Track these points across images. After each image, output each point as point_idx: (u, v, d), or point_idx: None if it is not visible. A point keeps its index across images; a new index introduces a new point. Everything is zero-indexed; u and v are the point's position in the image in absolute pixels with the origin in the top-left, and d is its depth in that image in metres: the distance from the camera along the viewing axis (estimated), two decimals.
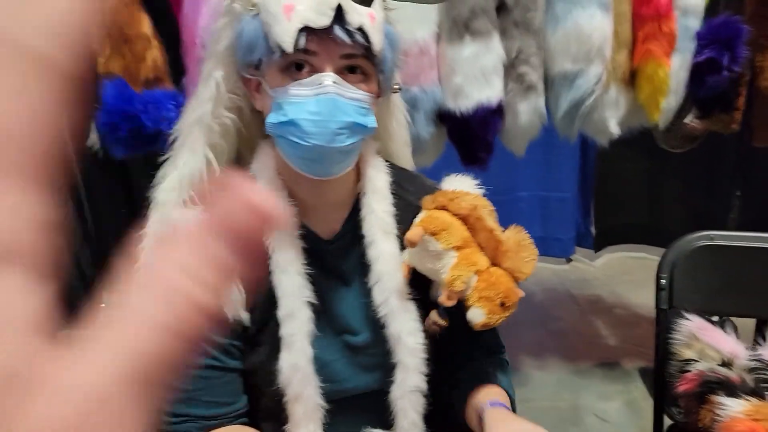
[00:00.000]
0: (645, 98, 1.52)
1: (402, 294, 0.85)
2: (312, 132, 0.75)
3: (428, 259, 0.82)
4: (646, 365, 2.15)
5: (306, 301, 0.82)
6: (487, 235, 0.82)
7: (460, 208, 0.83)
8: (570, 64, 1.45)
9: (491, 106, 1.46)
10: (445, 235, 0.81)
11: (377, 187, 0.87)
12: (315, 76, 0.74)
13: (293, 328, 0.81)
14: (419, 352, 0.85)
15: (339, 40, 0.73)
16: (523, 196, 2.74)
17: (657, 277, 1.21)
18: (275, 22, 0.72)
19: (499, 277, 0.80)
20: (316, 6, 0.71)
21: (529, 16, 1.43)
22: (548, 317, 2.49)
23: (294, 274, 0.82)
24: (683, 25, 1.47)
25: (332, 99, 0.74)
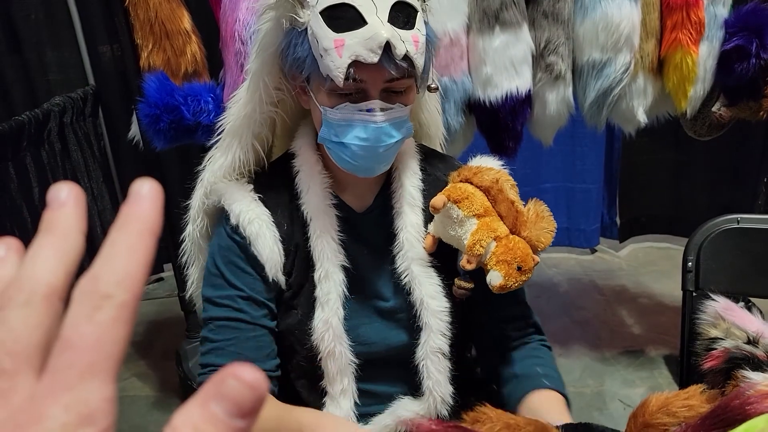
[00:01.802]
0: (673, 87, 1.54)
1: (423, 262, 0.91)
2: (361, 155, 0.83)
3: (451, 226, 0.87)
4: (670, 352, 2.16)
5: (340, 265, 0.89)
6: (508, 206, 0.87)
7: (483, 180, 0.88)
8: (598, 54, 1.48)
9: (520, 96, 1.49)
10: (466, 203, 0.86)
11: (408, 164, 0.94)
12: (363, 103, 0.80)
13: (328, 288, 0.88)
14: (442, 315, 0.91)
15: (386, 72, 0.77)
16: (548, 187, 2.75)
17: (684, 259, 1.23)
18: (326, 55, 0.77)
19: (516, 243, 0.85)
20: (366, 42, 0.75)
21: (558, 7, 1.45)
22: (573, 307, 2.51)
23: (329, 239, 0.89)
24: (712, 12, 1.48)
25: (379, 127, 0.81)
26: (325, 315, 0.87)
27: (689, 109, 1.57)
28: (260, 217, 0.88)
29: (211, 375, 0.58)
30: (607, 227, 2.88)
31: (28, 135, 1.94)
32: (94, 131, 2.35)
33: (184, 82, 1.50)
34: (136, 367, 2.22)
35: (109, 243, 0.23)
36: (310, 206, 0.89)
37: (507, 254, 0.84)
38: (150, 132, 1.49)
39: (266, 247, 0.87)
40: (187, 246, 0.99)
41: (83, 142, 2.27)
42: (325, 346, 0.88)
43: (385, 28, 0.75)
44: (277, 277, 0.89)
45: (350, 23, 0.76)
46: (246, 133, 0.90)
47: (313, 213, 0.89)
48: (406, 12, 0.78)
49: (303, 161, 0.91)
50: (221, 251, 0.90)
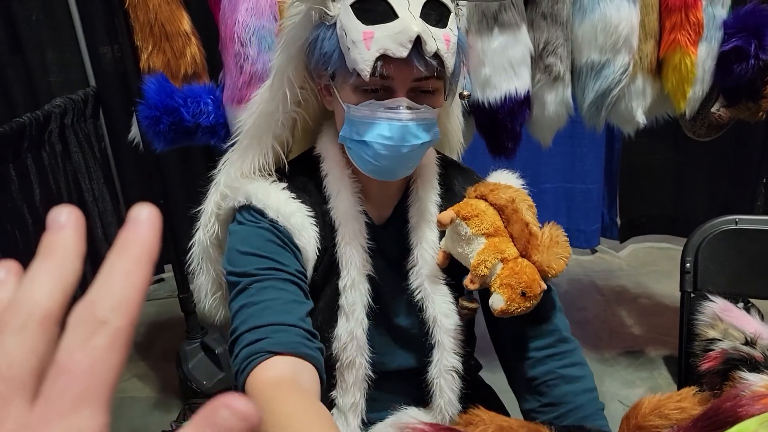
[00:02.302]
0: (672, 88, 1.54)
1: (436, 279, 0.89)
2: (384, 154, 0.79)
3: (459, 243, 0.85)
4: (670, 353, 2.16)
5: (367, 275, 0.86)
6: (522, 227, 0.84)
7: (498, 198, 0.85)
8: (597, 55, 1.48)
9: (519, 97, 1.49)
10: (476, 220, 0.83)
11: (427, 177, 0.91)
12: (389, 100, 0.77)
13: (354, 298, 0.85)
14: (456, 333, 0.89)
15: (415, 68, 0.74)
16: (548, 187, 2.75)
17: (682, 260, 1.23)
18: (354, 48, 0.74)
19: (524, 267, 0.82)
20: (396, 36, 0.72)
21: (556, 8, 1.45)
22: (573, 307, 2.51)
23: (358, 246, 0.86)
24: (710, 13, 1.48)
25: (405, 126, 0.77)
26: (350, 326, 0.85)
27: (688, 110, 1.57)
28: (300, 210, 0.84)
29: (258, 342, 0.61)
30: (607, 227, 2.87)
31: (29, 136, 1.95)
32: (95, 132, 2.36)
33: (184, 84, 1.50)
34: (137, 368, 2.22)
35: (107, 267, 0.23)
36: (339, 211, 0.86)
37: (512, 278, 0.81)
38: (150, 133, 1.49)
39: (311, 240, 0.83)
40: (196, 252, 0.95)
41: (84, 144, 2.28)
42: (347, 356, 0.85)
43: (416, 23, 0.72)
44: (309, 278, 0.85)
45: (381, 16, 0.73)
46: (266, 133, 0.87)
47: (342, 218, 0.86)
48: (439, 10, 0.76)
49: (331, 165, 0.88)
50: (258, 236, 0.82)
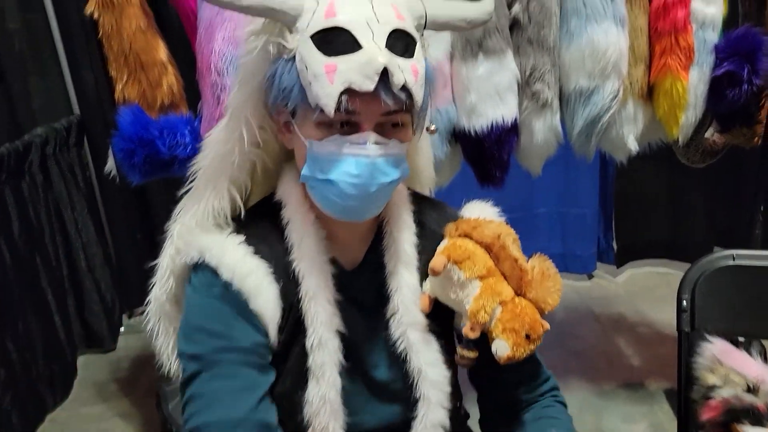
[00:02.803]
0: (663, 113, 1.49)
1: (420, 327, 0.83)
2: (351, 194, 0.73)
3: (451, 288, 0.81)
4: (671, 386, 2.09)
5: (336, 330, 0.80)
6: (512, 264, 0.80)
7: (484, 236, 0.81)
8: (585, 81, 1.43)
9: (506, 125, 1.45)
10: (468, 263, 0.79)
11: (400, 216, 0.85)
12: (356, 135, 0.72)
13: (323, 358, 0.78)
14: (442, 385, 0.83)
15: (383, 102, 0.70)
16: (542, 212, 2.70)
17: (678, 298, 1.18)
18: (316, 82, 0.69)
19: (524, 308, 0.79)
20: (361, 68, 0.68)
21: (543, 33, 1.41)
22: (569, 336, 2.44)
23: (324, 301, 0.79)
24: (701, 38, 1.45)
25: (372, 163, 0.72)
26: (321, 390, 0.78)
27: (681, 136, 1.53)
28: (258, 269, 0.77)
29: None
30: (603, 252, 2.82)
31: (8, 167, 1.91)
32: (78, 161, 2.31)
33: (161, 115, 1.46)
34: (120, 406, 2.15)
35: None
36: (303, 263, 0.79)
37: (514, 321, 0.77)
38: (125, 166, 1.44)
39: (269, 302, 0.76)
40: (152, 311, 0.87)
41: (67, 173, 2.23)
42: (320, 422, 0.79)
43: (382, 54, 0.68)
44: (274, 339, 0.78)
45: (344, 47, 0.68)
46: (222, 177, 0.80)
47: (306, 270, 0.79)
48: (405, 40, 0.71)
49: (293, 210, 0.81)
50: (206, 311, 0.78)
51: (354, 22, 0.69)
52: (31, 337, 1.99)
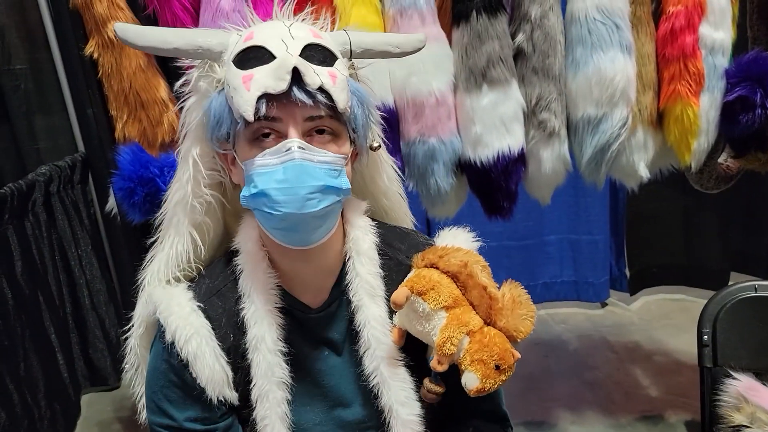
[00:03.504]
0: (675, 140, 1.46)
1: (393, 361, 0.82)
2: (281, 200, 0.73)
3: (417, 320, 0.79)
4: (692, 417, 2.02)
5: (280, 381, 0.79)
6: (480, 292, 0.79)
7: (450, 265, 0.79)
8: (593, 109, 1.41)
9: (513, 155, 1.42)
10: (433, 294, 0.77)
11: (362, 249, 0.84)
12: (281, 143, 0.73)
13: (264, 411, 0.79)
14: (414, 424, 0.82)
15: (300, 103, 0.71)
16: (552, 239, 2.66)
17: (698, 332, 1.13)
18: (236, 94, 0.72)
19: (492, 337, 0.76)
20: (273, 73, 0.71)
21: (548, 62, 1.39)
22: (583, 366, 2.38)
23: (265, 351, 0.79)
24: (711, 63, 1.42)
25: (299, 165, 0.72)
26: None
27: (694, 163, 1.49)
28: (199, 332, 0.78)
29: None
30: (616, 279, 2.77)
31: (11, 207, 1.89)
32: (83, 198, 2.30)
33: (161, 153, 1.44)
34: None
35: None
36: (250, 311, 0.80)
37: (482, 352, 0.75)
38: (125, 205, 1.43)
39: (206, 367, 0.77)
40: (131, 361, 0.90)
41: (71, 210, 2.22)
42: None
43: (294, 58, 0.71)
44: (224, 396, 0.79)
45: (260, 60, 0.73)
46: (183, 221, 0.81)
47: (252, 320, 0.79)
48: (322, 53, 0.75)
49: (246, 258, 0.82)
50: (157, 375, 0.80)
51: (269, 39, 0.74)
52: (34, 377, 1.96)
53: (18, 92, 2.29)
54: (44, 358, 2.02)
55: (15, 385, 1.84)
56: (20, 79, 2.30)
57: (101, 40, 1.38)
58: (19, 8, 2.29)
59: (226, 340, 0.80)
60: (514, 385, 2.27)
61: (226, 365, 0.79)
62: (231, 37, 0.77)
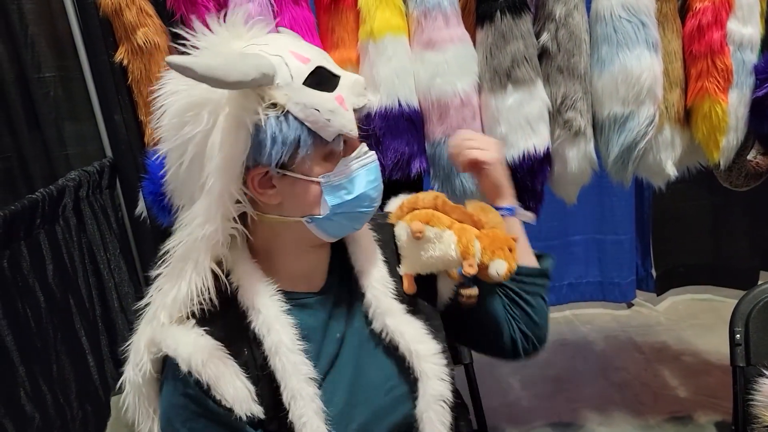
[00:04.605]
0: (703, 137, 1.45)
1: (397, 311, 0.86)
2: (375, 196, 0.83)
3: (431, 246, 0.88)
4: (722, 418, 1.99)
5: (308, 378, 0.79)
6: (460, 212, 0.92)
7: (426, 202, 0.93)
8: (619, 107, 1.40)
9: (538, 155, 1.42)
10: (435, 220, 0.89)
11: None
12: (357, 149, 0.82)
13: (300, 410, 0.78)
14: (435, 359, 0.85)
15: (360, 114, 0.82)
16: (578, 239, 2.64)
17: (731, 331, 1.12)
18: (335, 115, 0.76)
19: (494, 232, 0.91)
20: (351, 89, 0.79)
21: (573, 61, 1.39)
22: (611, 367, 2.35)
23: (287, 353, 0.78)
24: (739, 59, 1.40)
25: (375, 165, 0.83)
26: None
27: (722, 160, 1.47)
28: (214, 354, 0.76)
29: None
30: (642, 279, 2.74)
31: (42, 212, 1.93)
32: (111, 203, 2.34)
33: None
34: None
35: None
36: (260, 321, 0.79)
37: (495, 243, 0.89)
38: (155, 208, 1.45)
39: (229, 386, 0.75)
40: (130, 395, 0.85)
41: (99, 215, 2.26)
42: None
43: (352, 74, 0.81)
44: (252, 412, 0.77)
45: (333, 80, 0.78)
46: (204, 257, 0.78)
47: (265, 327, 0.79)
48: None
49: (241, 274, 0.81)
50: (176, 410, 0.78)
51: (319, 58, 0.78)
52: (66, 378, 1.99)
53: (48, 100, 2.33)
54: (75, 360, 2.06)
55: (48, 387, 1.88)
56: (50, 86, 2.35)
57: (131, 46, 1.41)
58: (48, 18, 2.34)
59: (240, 355, 0.79)
60: (542, 387, 2.25)
61: (246, 380, 0.78)
62: (273, 60, 0.74)
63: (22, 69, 2.26)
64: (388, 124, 1.40)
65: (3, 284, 1.65)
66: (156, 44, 1.41)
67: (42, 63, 2.31)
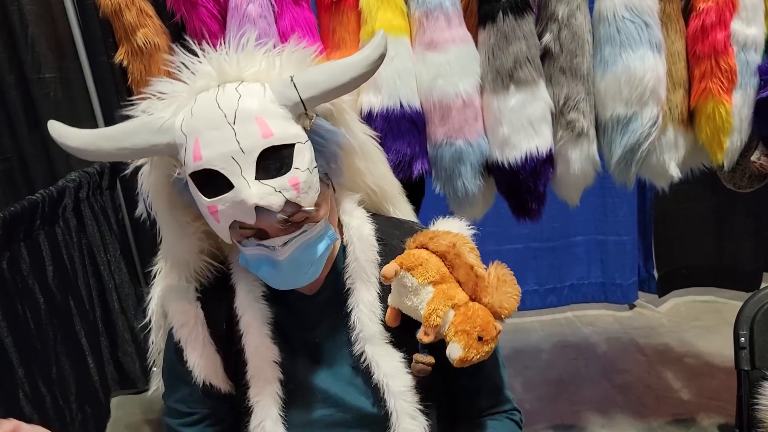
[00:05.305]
0: (706, 138, 1.44)
1: (378, 340, 0.84)
2: (279, 281, 0.79)
3: (406, 295, 0.82)
4: (725, 421, 1.98)
5: (270, 361, 0.84)
6: (467, 270, 0.82)
7: (439, 245, 0.84)
8: (622, 108, 1.39)
9: (541, 156, 1.41)
10: (420, 269, 0.81)
11: (363, 235, 0.88)
12: (266, 241, 0.75)
13: (258, 389, 0.83)
14: (407, 395, 0.83)
15: (272, 223, 0.73)
16: (579, 240, 2.63)
17: (735, 335, 1.11)
18: (208, 218, 0.75)
19: (476, 310, 0.80)
20: (237, 206, 0.71)
21: (575, 62, 1.38)
22: (613, 369, 2.34)
23: (253, 335, 0.84)
24: (743, 59, 1.40)
25: (286, 263, 0.76)
26: (257, 419, 0.83)
27: (726, 161, 1.47)
28: (190, 321, 0.85)
29: None
30: (644, 281, 2.72)
31: (42, 213, 1.92)
32: (111, 204, 2.33)
33: None
34: None
35: None
36: (239, 302, 0.85)
37: (466, 323, 0.79)
38: None
39: (194, 351, 0.84)
40: (153, 353, 0.97)
41: (100, 216, 2.25)
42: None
43: (251, 191, 0.70)
44: (210, 381, 0.85)
45: (219, 188, 0.71)
46: (192, 259, 0.87)
47: (242, 309, 0.84)
48: (278, 156, 0.72)
49: (233, 260, 0.88)
50: (165, 354, 0.90)
51: (220, 161, 0.70)
52: (65, 380, 1.99)
53: (48, 100, 2.33)
54: (75, 361, 2.05)
55: (47, 388, 1.87)
56: (50, 87, 2.34)
57: (130, 47, 1.40)
58: (49, 19, 2.33)
59: (219, 328, 0.85)
60: (543, 388, 2.24)
61: (214, 353, 0.85)
62: (175, 137, 0.73)
63: (22, 70, 2.25)
64: (390, 125, 1.39)
65: (2, 286, 1.65)
66: (156, 45, 1.41)
67: (42, 63, 2.31)
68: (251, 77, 0.75)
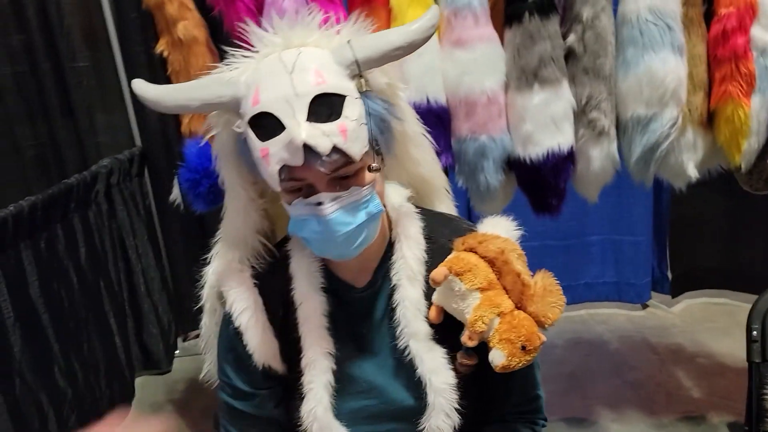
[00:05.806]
0: (725, 140, 1.47)
1: (423, 336, 0.87)
2: (321, 247, 0.81)
3: (453, 299, 0.84)
4: (734, 419, 2.01)
5: (326, 352, 0.87)
6: (514, 278, 0.83)
7: (488, 251, 0.84)
8: (643, 109, 1.43)
9: (562, 153, 1.45)
10: (469, 275, 0.82)
11: (410, 233, 0.90)
12: (312, 197, 0.77)
13: (311, 377, 0.87)
14: (447, 392, 0.86)
15: (318, 170, 0.75)
16: (595, 240, 2.66)
17: (748, 328, 1.15)
18: (260, 163, 0.77)
19: (522, 320, 0.81)
20: (287, 147, 0.73)
21: (599, 63, 1.42)
22: (625, 366, 2.38)
23: (311, 327, 0.87)
24: (762, 64, 1.42)
25: (329, 219, 0.77)
26: (309, 405, 0.87)
27: (744, 163, 1.50)
28: (251, 306, 0.89)
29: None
30: (658, 281, 2.75)
31: (76, 197, 2.00)
32: (140, 190, 2.41)
33: None
34: (175, 427, 2.19)
35: None
36: (298, 291, 0.88)
37: (511, 332, 0.80)
38: (190, 196, 1.50)
39: (255, 336, 0.89)
40: (206, 335, 1.01)
41: (129, 202, 2.32)
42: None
43: (302, 129, 0.72)
44: (270, 364, 0.90)
45: (272, 131, 0.74)
46: (250, 236, 0.91)
47: (301, 298, 0.88)
48: (329, 103, 0.74)
49: (294, 244, 0.91)
50: (222, 338, 0.93)
51: (275, 103, 0.74)
52: (95, 358, 2.06)
53: (81, 88, 2.40)
54: (104, 340, 2.13)
55: (80, 364, 1.94)
56: (83, 76, 2.41)
57: (171, 39, 1.46)
58: (84, 9, 2.40)
59: (276, 315, 0.90)
60: (556, 383, 2.28)
61: (273, 338, 0.89)
62: (239, 89, 0.77)
63: (57, 58, 2.32)
64: None
65: (41, 265, 1.72)
66: (195, 37, 1.47)
67: (77, 52, 2.37)
68: (313, 43, 0.79)
